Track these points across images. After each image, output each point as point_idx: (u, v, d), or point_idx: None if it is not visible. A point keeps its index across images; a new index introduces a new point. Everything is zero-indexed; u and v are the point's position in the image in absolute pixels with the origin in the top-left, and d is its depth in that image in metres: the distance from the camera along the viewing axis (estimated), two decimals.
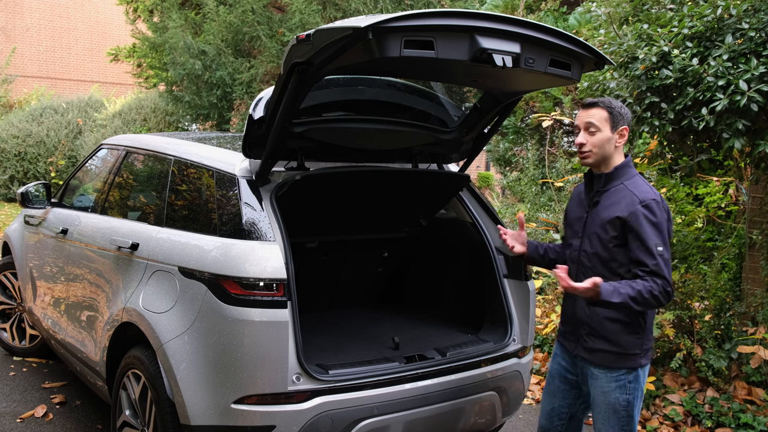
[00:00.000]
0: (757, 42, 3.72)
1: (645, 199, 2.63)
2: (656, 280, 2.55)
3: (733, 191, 5.52)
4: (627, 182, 2.72)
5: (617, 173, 2.74)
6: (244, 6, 10.53)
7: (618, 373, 2.71)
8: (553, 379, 2.98)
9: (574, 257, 2.82)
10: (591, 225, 2.75)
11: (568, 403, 2.95)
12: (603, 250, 2.69)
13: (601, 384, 2.74)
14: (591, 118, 2.72)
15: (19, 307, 5.25)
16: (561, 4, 11.04)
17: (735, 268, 5.07)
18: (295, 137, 3.08)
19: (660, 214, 2.62)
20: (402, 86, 3.60)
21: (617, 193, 2.70)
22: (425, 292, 4.20)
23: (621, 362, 2.70)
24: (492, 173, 17.62)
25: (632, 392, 2.72)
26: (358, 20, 2.30)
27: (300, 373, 2.76)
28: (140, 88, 16.46)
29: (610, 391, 2.72)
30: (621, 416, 2.72)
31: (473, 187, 3.79)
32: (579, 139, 2.74)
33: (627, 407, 2.72)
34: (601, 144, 2.72)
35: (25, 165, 14.26)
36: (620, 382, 2.71)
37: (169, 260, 3.13)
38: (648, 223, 2.59)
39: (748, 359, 4.45)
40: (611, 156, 2.74)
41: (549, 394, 3.00)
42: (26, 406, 4.38)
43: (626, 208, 2.63)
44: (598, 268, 2.71)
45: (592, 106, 2.74)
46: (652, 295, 2.54)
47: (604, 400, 2.74)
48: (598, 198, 2.76)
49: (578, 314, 2.79)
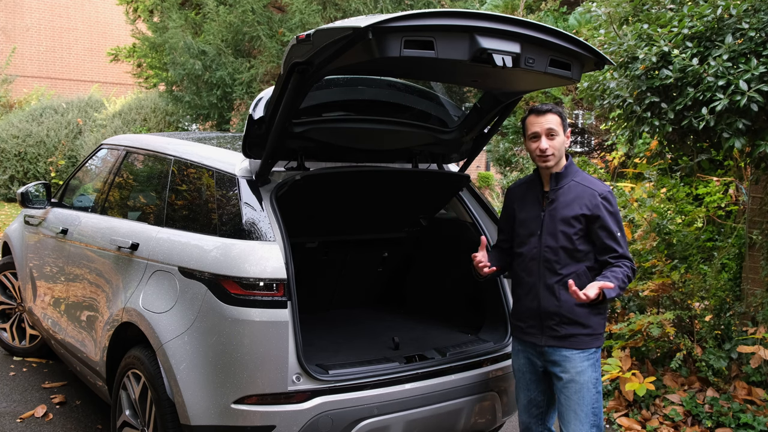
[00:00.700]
0: (757, 42, 3.72)
1: (603, 192, 2.89)
2: (625, 263, 2.83)
3: (733, 191, 5.52)
4: (576, 178, 2.93)
5: (567, 171, 2.95)
6: (244, 6, 10.53)
7: (589, 352, 2.89)
8: (523, 375, 3.10)
9: (535, 254, 2.94)
10: (551, 222, 2.91)
11: (542, 391, 3.08)
12: (569, 243, 2.87)
13: (574, 365, 2.88)
14: (551, 124, 2.89)
15: (19, 307, 5.25)
16: (561, 4, 11.04)
17: (735, 268, 5.07)
18: (295, 137, 3.08)
19: (615, 203, 2.91)
20: (402, 86, 3.60)
21: (573, 190, 2.90)
22: (425, 292, 4.20)
23: (592, 342, 2.90)
24: (492, 173, 17.61)
25: (598, 369, 2.93)
26: (358, 20, 2.30)
27: (300, 373, 2.77)
28: (140, 88, 16.46)
29: (584, 369, 2.88)
30: (592, 393, 2.89)
31: (473, 187, 3.79)
32: (543, 145, 2.89)
33: (596, 384, 2.90)
34: (561, 146, 2.91)
35: (25, 165, 14.26)
36: (591, 360, 2.90)
37: (169, 260, 3.13)
38: (609, 213, 2.86)
39: (748, 359, 4.45)
40: (563, 157, 2.96)
41: (523, 389, 3.11)
42: (26, 406, 4.38)
43: (589, 203, 2.86)
44: (564, 259, 2.88)
45: (548, 113, 2.90)
46: (629, 278, 2.84)
47: (579, 380, 2.88)
48: (554, 196, 2.93)
49: (545, 306, 2.92)
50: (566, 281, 2.82)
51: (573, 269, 2.87)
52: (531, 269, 2.95)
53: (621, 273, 2.80)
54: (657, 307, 5.12)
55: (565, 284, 2.84)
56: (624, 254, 2.85)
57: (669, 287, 4.88)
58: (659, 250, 5.05)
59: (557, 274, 2.88)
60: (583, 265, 2.89)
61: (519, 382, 3.12)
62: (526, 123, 2.94)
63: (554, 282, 2.89)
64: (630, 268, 2.84)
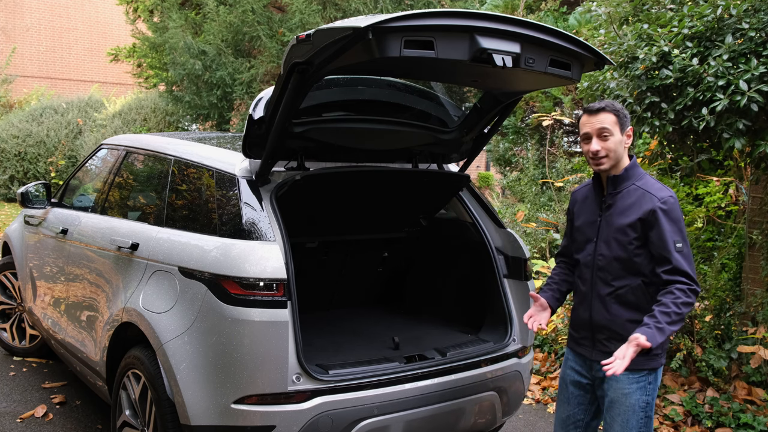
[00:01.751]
0: (757, 42, 3.72)
1: (663, 197, 2.63)
2: (678, 286, 2.54)
3: (733, 191, 5.51)
4: (638, 182, 2.71)
5: (628, 174, 2.73)
6: (244, 6, 10.53)
7: (640, 374, 2.68)
8: (566, 386, 2.94)
9: (589, 261, 2.78)
10: (606, 229, 2.73)
11: (583, 409, 2.90)
12: (623, 252, 2.67)
13: (621, 386, 2.70)
14: (603, 123, 2.69)
15: (19, 307, 5.25)
16: (561, 4, 11.04)
17: (735, 268, 5.07)
18: (295, 137, 3.08)
19: (678, 210, 2.63)
20: (402, 86, 3.60)
21: (631, 195, 2.69)
22: (425, 292, 4.20)
23: (643, 363, 2.66)
24: (492, 173, 17.62)
25: (651, 392, 2.71)
26: (358, 20, 2.30)
27: (300, 373, 2.76)
28: (140, 88, 16.46)
29: (631, 392, 2.68)
30: (640, 417, 2.69)
31: (473, 187, 3.79)
32: (593, 147, 2.70)
33: (646, 408, 2.70)
34: (616, 148, 2.70)
35: (25, 165, 14.26)
36: (641, 383, 2.69)
37: (169, 260, 3.13)
38: (667, 220, 2.60)
39: (748, 359, 4.45)
40: (622, 158, 2.74)
41: (563, 402, 2.95)
42: (26, 406, 4.38)
43: (645, 208, 2.63)
44: (617, 271, 2.69)
45: (600, 112, 2.70)
46: (685, 304, 2.53)
47: (625, 402, 2.69)
48: (612, 201, 2.74)
49: (596, 319, 2.76)
50: (619, 294, 2.68)
51: (627, 282, 2.67)
52: (585, 277, 2.80)
53: (667, 304, 2.52)
54: None
55: (618, 297, 2.69)
56: (679, 268, 2.55)
57: None
58: None
59: (609, 285, 2.70)
60: (639, 279, 2.67)
61: (561, 394, 2.97)
62: (579, 123, 2.78)
63: (606, 293, 2.72)
64: (686, 290, 2.54)
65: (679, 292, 2.53)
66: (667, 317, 2.51)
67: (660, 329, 2.50)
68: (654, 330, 2.50)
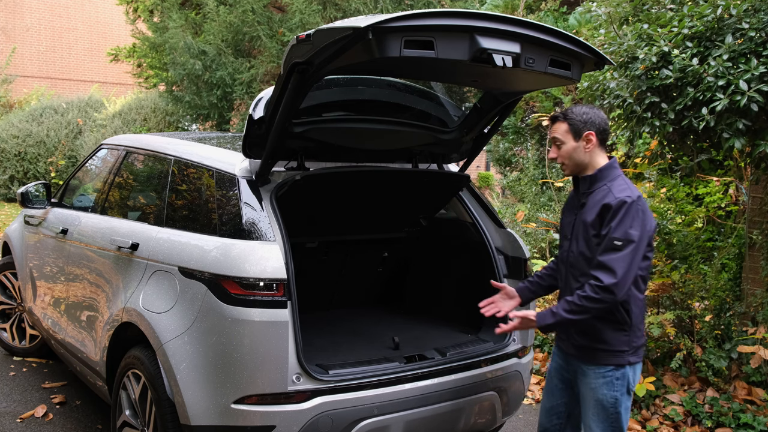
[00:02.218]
0: (757, 42, 3.72)
1: (619, 197, 2.66)
2: (591, 281, 2.61)
3: (733, 191, 5.52)
4: (610, 183, 2.77)
5: (601, 175, 2.79)
6: (244, 6, 10.53)
7: (605, 369, 2.76)
8: (551, 378, 3.04)
9: (564, 258, 2.90)
10: (578, 226, 2.83)
11: (565, 402, 3.00)
12: (587, 248, 2.76)
13: (588, 380, 2.80)
14: (554, 133, 2.83)
15: (19, 307, 5.25)
16: (561, 4, 11.04)
17: (735, 268, 5.07)
18: (295, 137, 3.08)
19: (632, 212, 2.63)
20: (402, 86, 3.60)
21: (600, 194, 2.76)
22: (425, 292, 4.20)
23: (607, 359, 2.75)
24: (492, 173, 17.62)
25: (619, 389, 2.76)
26: (358, 20, 2.30)
27: (300, 373, 2.76)
28: (140, 88, 16.45)
29: (597, 387, 2.77)
30: (609, 413, 2.77)
31: (473, 187, 3.79)
32: (551, 154, 2.87)
33: (614, 404, 2.76)
34: (569, 154, 2.81)
35: (25, 165, 14.26)
36: (607, 379, 2.76)
37: (169, 260, 3.13)
38: (616, 218, 2.63)
39: (748, 359, 4.45)
40: (587, 161, 2.80)
41: (548, 392, 3.06)
42: (26, 406, 4.38)
43: (603, 206, 2.71)
44: (584, 267, 2.77)
45: (554, 121, 2.84)
46: (585, 298, 2.61)
47: (592, 397, 2.79)
48: (585, 200, 2.83)
49: None
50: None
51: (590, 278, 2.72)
52: (561, 274, 2.93)
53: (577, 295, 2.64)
54: (657, 307, 5.12)
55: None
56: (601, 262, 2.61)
57: (669, 287, 4.88)
58: (659, 250, 5.05)
59: (578, 281, 2.79)
60: None
61: (546, 385, 3.07)
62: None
63: (575, 288, 2.78)
64: (595, 287, 2.59)
65: (588, 288, 2.62)
66: (567, 305, 2.67)
67: (554, 313, 2.70)
68: (548, 312, 2.73)
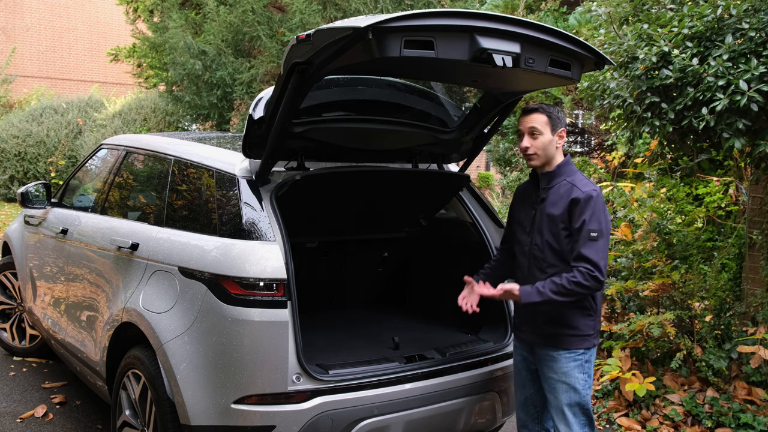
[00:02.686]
0: (757, 42, 3.72)
1: (586, 191, 2.81)
2: (580, 269, 2.73)
3: (733, 191, 5.52)
4: (569, 178, 2.90)
5: (559, 171, 2.92)
6: (244, 6, 10.53)
7: (576, 353, 2.89)
8: (519, 372, 3.13)
9: (526, 251, 2.97)
10: (540, 220, 2.91)
11: (537, 389, 3.09)
12: (555, 241, 2.86)
13: (560, 365, 2.90)
14: (534, 123, 2.88)
15: (19, 307, 5.25)
16: (561, 4, 11.03)
17: (735, 268, 5.07)
18: (295, 137, 3.08)
19: (599, 204, 2.81)
20: (402, 86, 3.60)
21: (562, 188, 2.88)
22: (425, 292, 4.20)
23: (578, 343, 2.89)
24: (492, 173, 17.61)
25: (587, 370, 2.92)
26: (358, 20, 2.30)
27: (300, 373, 2.77)
28: (140, 88, 16.45)
29: (569, 371, 2.89)
30: (582, 395, 2.90)
31: (473, 187, 3.79)
32: (524, 143, 2.91)
33: (584, 385, 2.91)
34: (544, 146, 2.90)
35: (25, 165, 14.26)
36: (578, 362, 2.89)
37: (169, 260, 3.13)
38: (586, 211, 2.77)
39: (748, 359, 4.45)
40: (553, 156, 2.93)
41: (520, 386, 3.15)
42: (26, 406, 4.38)
43: (571, 200, 2.82)
44: (551, 258, 2.87)
45: (533, 112, 2.90)
46: (576, 283, 2.73)
47: (564, 381, 2.90)
48: (545, 195, 2.92)
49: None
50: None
51: (559, 269, 2.84)
52: (522, 267, 3.00)
53: (563, 277, 2.75)
54: (657, 307, 5.12)
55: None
56: (584, 255, 2.74)
57: (669, 287, 4.87)
58: (659, 250, 5.05)
59: (544, 272, 2.88)
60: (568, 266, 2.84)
61: (516, 379, 3.17)
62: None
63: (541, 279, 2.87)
64: (586, 274, 2.72)
65: (578, 273, 2.73)
66: (554, 286, 2.75)
67: (540, 292, 2.77)
68: (533, 290, 2.80)
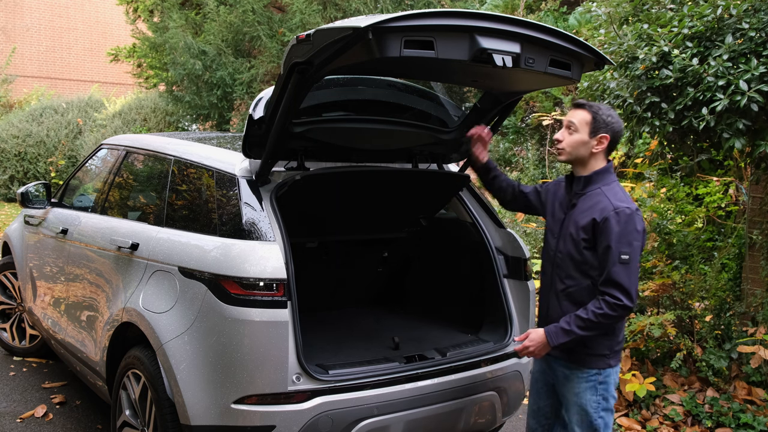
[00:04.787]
0: (757, 42, 3.72)
1: (618, 207, 2.64)
2: (607, 299, 2.58)
3: (733, 191, 5.52)
4: (604, 187, 2.74)
5: (595, 178, 2.77)
6: (244, 6, 10.53)
7: (588, 373, 2.76)
8: (536, 381, 3.04)
9: (551, 257, 2.86)
10: (567, 226, 2.79)
11: (551, 403, 3.00)
12: (576, 252, 2.73)
13: (572, 385, 2.80)
14: (573, 118, 2.78)
15: (19, 307, 5.25)
16: (561, 4, 11.03)
17: (735, 268, 5.07)
18: (295, 137, 3.08)
19: (633, 223, 2.62)
20: (402, 86, 3.60)
21: (594, 197, 2.73)
22: (425, 292, 4.20)
23: (591, 362, 2.76)
24: None
25: (602, 393, 2.77)
26: (358, 20, 2.30)
27: (300, 373, 2.76)
28: (140, 88, 16.44)
29: (581, 392, 2.78)
30: (593, 418, 2.77)
31: (473, 187, 3.79)
32: (557, 135, 2.82)
33: (597, 408, 2.77)
34: (576, 145, 2.77)
35: (25, 165, 14.25)
36: (590, 383, 2.77)
37: (169, 260, 3.13)
38: (617, 230, 2.61)
39: (748, 359, 4.45)
40: (586, 159, 2.78)
41: (534, 394, 3.06)
42: (26, 406, 4.38)
43: (600, 213, 2.66)
44: (570, 270, 2.75)
45: (580, 108, 2.79)
46: (603, 315, 2.59)
47: (576, 402, 2.79)
48: (576, 201, 2.80)
49: (551, 314, 2.82)
50: (570, 291, 2.75)
51: (577, 281, 2.73)
52: (546, 272, 2.90)
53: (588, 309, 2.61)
54: (657, 308, 5.12)
55: (569, 295, 2.75)
56: (614, 279, 2.58)
57: (669, 287, 4.88)
58: (659, 250, 5.05)
59: (563, 282, 2.78)
60: (588, 280, 2.71)
61: (532, 387, 3.07)
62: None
63: (560, 290, 2.78)
64: (612, 304, 2.57)
65: (605, 305, 2.59)
66: (580, 321, 2.62)
67: (566, 331, 2.65)
68: (558, 330, 2.67)
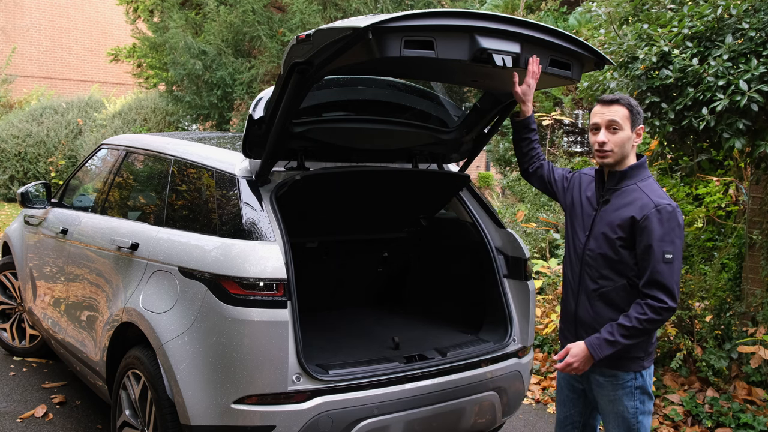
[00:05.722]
0: (757, 42, 3.72)
1: (660, 204, 2.52)
2: (650, 303, 2.48)
3: (733, 191, 5.52)
4: (641, 183, 2.61)
5: (631, 173, 2.63)
6: (244, 6, 10.53)
7: (624, 379, 2.65)
8: (561, 389, 2.92)
9: (579, 255, 2.71)
10: (599, 224, 2.65)
11: (579, 411, 2.89)
12: (610, 250, 2.60)
13: (607, 392, 2.68)
14: (614, 116, 2.59)
15: (19, 307, 5.25)
16: (561, 4, 11.04)
17: (735, 268, 5.07)
18: (295, 137, 3.08)
19: (674, 219, 2.51)
20: (402, 86, 3.60)
21: (630, 194, 2.60)
22: (425, 292, 4.20)
23: (625, 366, 2.63)
24: (492, 173, 17.60)
25: (638, 398, 2.66)
26: (358, 20, 2.30)
27: (300, 373, 2.76)
28: (140, 88, 16.45)
29: (617, 399, 2.66)
30: (632, 424, 2.66)
31: (473, 187, 3.79)
32: (600, 138, 2.60)
33: (635, 414, 2.66)
34: (622, 143, 2.60)
35: (25, 165, 14.26)
36: (626, 390, 2.65)
37: (169, 260, 3.13)
38: (660, 228, 2.49)
39: (748, 359, 4.45)
40: (628, 155, 2.64)
41: (560, 403, 2.93)
42: (26, 406, 4.38)
43: (640, 211, 2.53)
44: (602, 268, 2.62)
45: (613, 103, 2.60)
46: (648, 321, 2.48)
47: (612, 410, 2.68)
48: (609, 196, 2.65)
49: (581, 314, 2.70)
50: (603, 292, 2.62)
51: (612, 281, 2.60)
52: (574, 270, 2.74)
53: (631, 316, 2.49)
54: None
55: (602, 295, 2.62)
56: (658, 281, 2.46)
57: None
58: None
59: (595, 282, 2.64)
60: (624, 280, 2.58)
61: (558, 396, 2.94)
62: (591, 113, 2.66)
63: (592, 289, 2.64)
64: (657, 308, 2.46)
65: (648, 309, 2.48)
66: (625, 331, 2.50)
67: (610, 342, 2.52)
68: (602, 341, 2.53)
